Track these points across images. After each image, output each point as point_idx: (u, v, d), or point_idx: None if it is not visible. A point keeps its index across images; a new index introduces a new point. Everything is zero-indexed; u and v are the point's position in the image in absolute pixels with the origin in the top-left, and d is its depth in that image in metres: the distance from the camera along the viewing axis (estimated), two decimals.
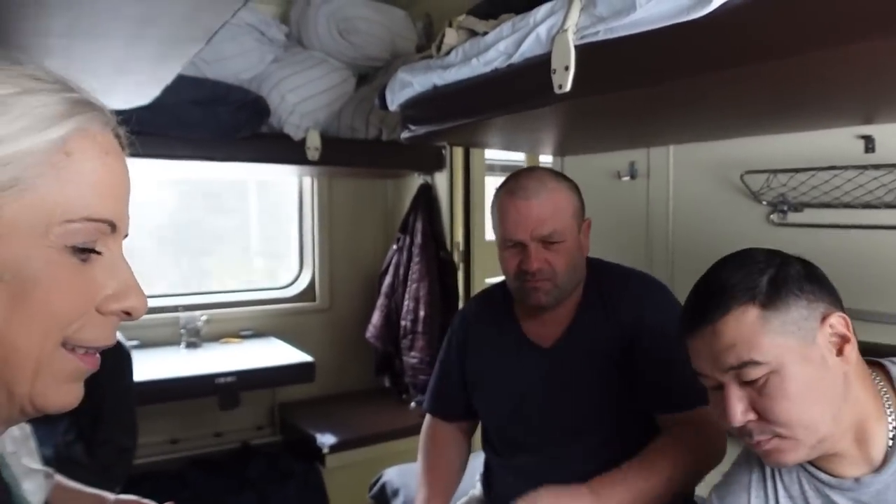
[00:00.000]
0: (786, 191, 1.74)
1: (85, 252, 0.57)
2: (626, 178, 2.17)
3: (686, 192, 2.04)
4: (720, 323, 0.98)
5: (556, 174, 1.56)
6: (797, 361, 0.95)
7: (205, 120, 2.42)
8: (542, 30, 1.36)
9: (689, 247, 2.04)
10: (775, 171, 1.74)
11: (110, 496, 1.51)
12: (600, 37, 1.22)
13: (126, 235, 0.63)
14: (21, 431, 1.41)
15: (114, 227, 0.59)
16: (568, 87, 1.30)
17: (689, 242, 2.04)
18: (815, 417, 0.95)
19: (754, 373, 0.96)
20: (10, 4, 0.80)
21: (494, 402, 1.65)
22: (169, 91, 2.28)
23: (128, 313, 0.60)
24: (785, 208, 1.75)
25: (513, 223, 1.47)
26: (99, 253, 0.58)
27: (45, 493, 1.41)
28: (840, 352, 0.97)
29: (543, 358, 1.57)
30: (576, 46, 1.27)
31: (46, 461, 2.17)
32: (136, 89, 1.35)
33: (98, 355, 0.61)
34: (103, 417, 2.24)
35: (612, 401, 1.51)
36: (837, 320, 0.97)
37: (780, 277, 0.98)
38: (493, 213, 1.55)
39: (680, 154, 2.05)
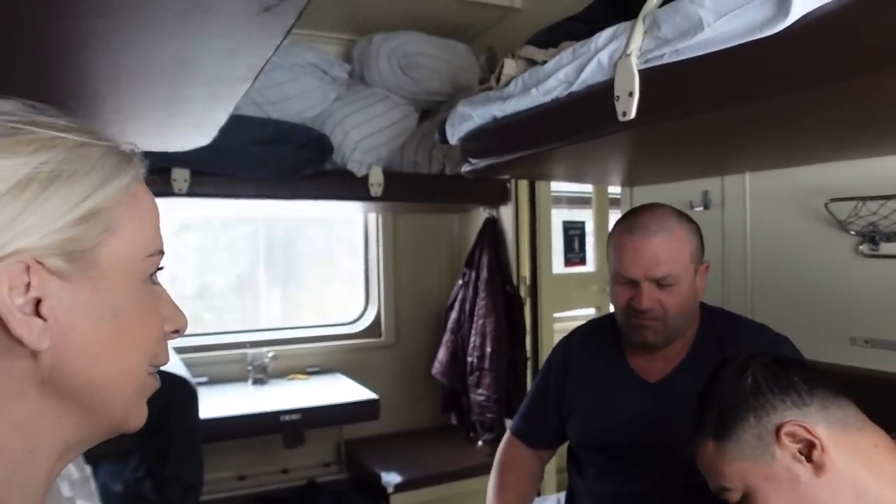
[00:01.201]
0: (876, 219, 1.61)
1: (152, 278, 0.64)
2: (700, 209, 2.06)
3: (765, 222, 1.92)
4: (695, 455, 1.06)
5: (679, 213, 1.51)
6: (763, 482, 0.96)
7: (268, 159, 2.45)
8: (604, 55, 1.30)
9: (769, 281, 1.92)
10: (864, 199, 1.62)
11: None
12: (665, 60, 1.15)
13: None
14: (80, 474, 1.41)
15: (163, 255, 0.66)
16: (632, 114, 1.23)
17: (769, 276, 1.92)
18: None
19: (732, 496, 1.01)
20: (53, 47, 0.80)
21: (590, 430, 1.62)
22: (233, 132, 2.33)
23: (177, 331, 0.67)
24: (876, 238, 1.62)
25: (628, 261, 1.45)
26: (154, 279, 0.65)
27: None
28: (809, 458, 0.93)
29: (647, 392, 1.55)
30: (640, 71, 1.21)
31: (117, 497, 2.21)
32: (192, 131, 1.35)
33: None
34: (171, 455, 2.27)
35: None
36: (792, 429, 0.94)
37: (728, 403, 1.01)
38: (608, 245, 1.53)
39: (757, 182, 1.93)
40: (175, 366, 2.41)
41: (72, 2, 0.66)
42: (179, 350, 2.76)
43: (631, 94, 1.22)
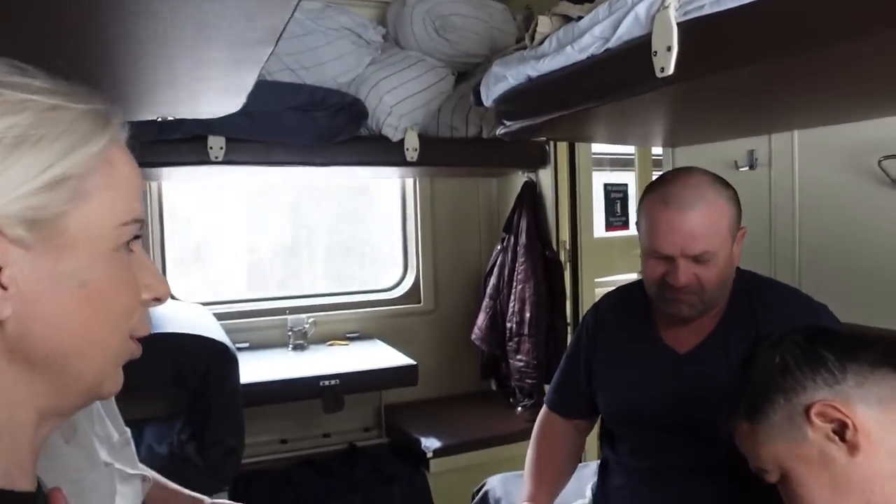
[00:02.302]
0: None
1: (128, 245, 0.62)
2: (745, 169, 1.99)
3: (814, 181, 1.84)
4: (733, 435, 1.07)
5: (716, 180, 1.42)
6: (797, 463, 0.95)
7: (303, 125, 2.44)
8: (641, 9, 1.23)
9: (818, 242, 1.84)
10: None
11: (206, 499, 1.52)
12: (706, 10, 1.09)
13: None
14: (121, 437, 1.44)
15: (142, 224, 0.64)
16: (671, 69, 1.17)
17: (818, 237, 1.84)
18: None
19: (770, 477, 1.00)
20: (73, 10, 0.79)
21: (620, 402, 1.59)
22: (268, 98, 2.33)
23: (157, 299, 0.67)
24: None
25: (662, 236, 1.37)
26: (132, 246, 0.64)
27: (142, 496, 1.43)
28: (842, 438, 0.91)
29: (677, 364, 1.50)
30: (678, 24, 1.14)
31: (162, 458, 2.26)
32: (220, 96, 1.34)
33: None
34: (212, 419, 2.31)
35: None
36: (822, 409, 0.91)
37: (758, 384, 1.00)
38: (639, 216, 1.46)
39: (806, 139, 1.85)
40: (215, 331, 2.44)
41: None
42: (220, 316, 2.80)
43: (669, 49, 1.16)
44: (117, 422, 1.45)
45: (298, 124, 2.43)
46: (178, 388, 2.42)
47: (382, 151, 2.66)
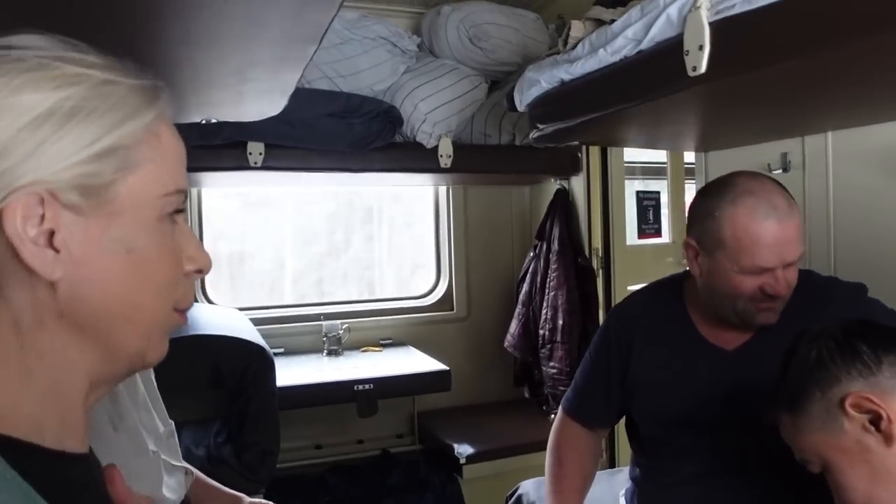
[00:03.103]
0: None
1: (172, 217, 0.64)
2: (779, 172, 1.98)
3: (848, 184, 1.83)
4: (777, 426, 1.09)
5: (774, 180, 1.40)
6: (836, 454, 0.97)
7: (340, 132, 2.49)
8: (673, 10, 1.26)
9: (852, 244, 1.83)
10: None
11: (246, 498, 1.55)
12: (737, 10, 1.11)
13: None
14: (166, 429, 1.48)
15: (185, 196, 0.66)
16: (703, 68, 1.19)
17: (852, 240, 1.83)
18: None
19: (813, 468, 1.03)
20: (129, 15, 0.83)
21: (664, 406, 1.54)
22: (306, 105, 2.39)
23: (200, 271, 0.68)
24: None
25: (767, 250, 1.31)
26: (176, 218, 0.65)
27: (185, 488, 1.46)
28: (878, 429, 0.92)
29: (725, 362, 1.47)
30: (710, 23, 1.17)
31: (199, 460, 2.30)
32: (262, 98, 1.38)
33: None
34: (249, 421, 2.35)
35: None
36: (857, 400, 0.93)
37: (796, 377, 1.02)
38: (719, 232, 1.36)
39: (840, 141, 1.84)
40: (253, 335, 2.49)
41: None
42: (257, 322, 2.85)
43: (701, 48, 1.19)
44: (162, 413, 1.49)
45: (335, 131, 2.48)
46: (216, 389, 2.47)
47: (417, 158, 2.70)
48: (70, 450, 0.62)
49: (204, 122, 1.58)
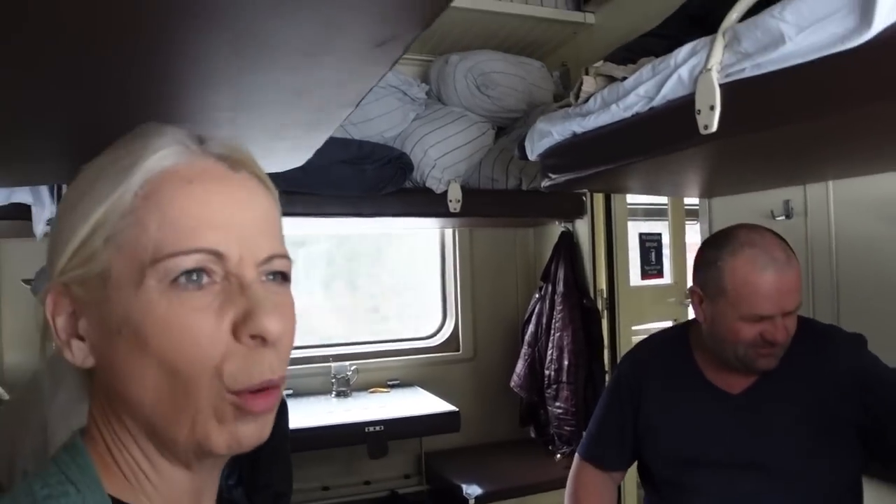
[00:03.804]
0: None
1: (198, 279, 0.56)
2: (782, 218, 2.05)
3: (851, 231, 1.89)
4: None
5: (774, 233, 1.48)
6: None
7: (352, 177, 2.55)
8: (684, 71, 1.33)
9: (857, 292, 1.89)
10: None
11: None
12: (747, 73, 1.18)
13: (275, 257, 0.61)
14: None
15: (219, 255, 0.56)
16: (714, 127, 1.26)
17: (856, 287, 1.89)
18: None
19: None
20: (182, 85, 0.89)
21: (674, 449, 1.59)
22: (320, 152, 2.44)
23: (261, 338, 0.56)
24: None
25: (766, 299, 1.38)
26: (208, 279, 0.57)
27: None
28: None
29: (731, 405, 1.52)
30: (721, 85, 1.23)
31: None
32: (290, 153, 1.44)
33: (270, 392, 0.58)
34: (261, 463, 2.36)
35: (814, 448, 1.45)
36: None
37: None
38: (721, 281, 1.43)
39: (841, 189, 1.91)
40: None
41: (211, 41, 0.74)
42: None
43: (712, 108, 1.25)
44: None
45: (348, 177, 2.54)
46: None
47: (427, 203, 2.75)
48: None
49: None
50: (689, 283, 1.55)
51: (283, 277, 0.62)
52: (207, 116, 1.04)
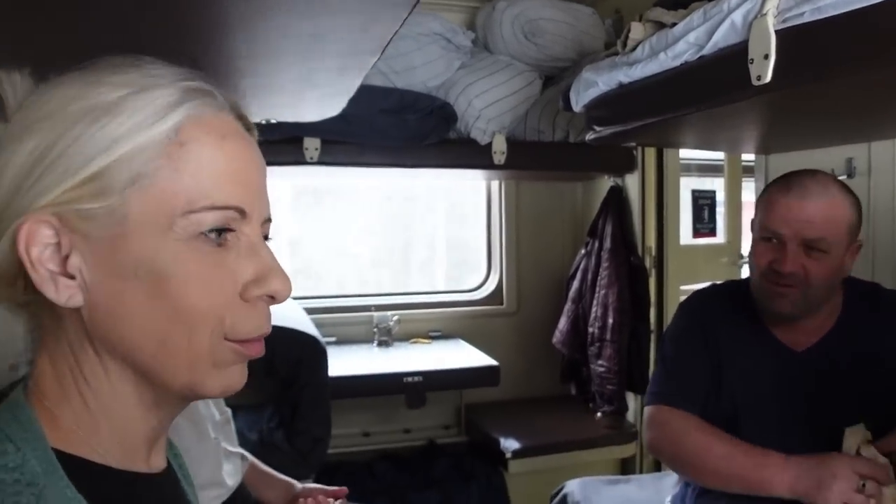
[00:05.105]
0: None
1: (220, 236, 0.57)
2: (843, 177, 1.93)
3: None
4: None
5: (842, 185, 1.45)
6: None
7: (394, 128, 2.51)
8: (738, 16, 1.24)
9: None
10: None
11: (298, 484, 1.60)
12: (806, 18, 1.09)
13: (268, 220, 0.63)
14: (222, 416, 1.54)
15: (243, 214, 0.58)
16: (768, 77, 1.17)
17: None
18: None
19: None
20: (196, 32, 0.86)
21: (731, 404, 1.54)
22: (361, 101, 2.40)
23: (272, 297, 0.60)
24: None
25: (779, 216, 1.40)
26: (227, 237, 0.58)
27: (241, 474, 1.52)
28: None
29: (794, 362, 1.49)
30: (776, 31, 1.14)
31: (252, 444, 2.38)
32: (324, 101, 1.41)
33: (262, 341, 0.62)
34: (301, 408, 2.41)
35: (871, 412, 1.40)
36: None
37: None
38: (757, 207, 1.49)
39: None
40: (306, 325, 2.54)
41: None
42: (309, 311, 2.91)
43: (766, 57, 1.16)
44: (219, 401, 1.55)
45: (389, 127, 2.50)
46: (269, 377, 2.53)
47: (470, 154, 2.70)
48: (139, 469, 0.62)
49: (264, 122, 1.62)
50: (745, 242, 1.52)
51: (267, 239, 0.65)
52: (226, 64, 1.02)
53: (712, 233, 3.21)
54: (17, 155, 0.54)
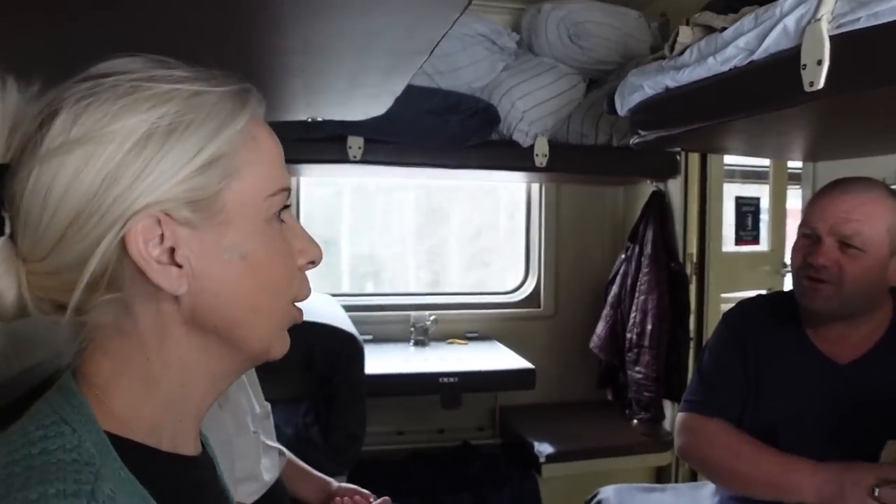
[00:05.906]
0: None
1: (279, 214, 0.66)
2: (894, 187, 1.88)
3: None
4: None
5: (888, 188, 1.45)
6: None
7: (437, 128, 2.52)
8: (791, 21, 1.22)
9: None
10: None
11: (334, 483, 1.61)
12: (861, 24, 1.07)
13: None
14: (262, 410, 1.56)
15: (288, 193, 0.68)
16: (821, 83, 1.15)
17: None
18: None
19: None
20: (249, 28, 0.87)
21: (769, 415, 1.52)
22: (404, 101, 2.42)
23: (312, 262, 0.70)
24: None
25: (815, 211, 1.42)
26: (282, 214, 0.67)
27: (279, 469, 1.54)
28: None
29: (837, 375, 1.47)
30: (831, 37, 1.12)
31: (287, 439, 2.41)
32: (370, 100, 1.42)
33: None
34: (337, 405, 2.43)
35: None
36: None
37: None
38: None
39: None
40: (344, 322, 2.57)
41: None
42: (348, 308, 2.94)
43: (820, 63, 1.14)
44: (259, 395, 1.57)
45: (432, 127, 2.51)
46: (306, 372, 2.56)
47: (512, 156, 2.70)
48: (184, 452, 0.67)
49: (309, 120, 1.64)
50: (789, 251, 1.52)
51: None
52: (278, 60, 1.04)
53: (755, 240, 3.15)
54: (101, 160, 0.56)
